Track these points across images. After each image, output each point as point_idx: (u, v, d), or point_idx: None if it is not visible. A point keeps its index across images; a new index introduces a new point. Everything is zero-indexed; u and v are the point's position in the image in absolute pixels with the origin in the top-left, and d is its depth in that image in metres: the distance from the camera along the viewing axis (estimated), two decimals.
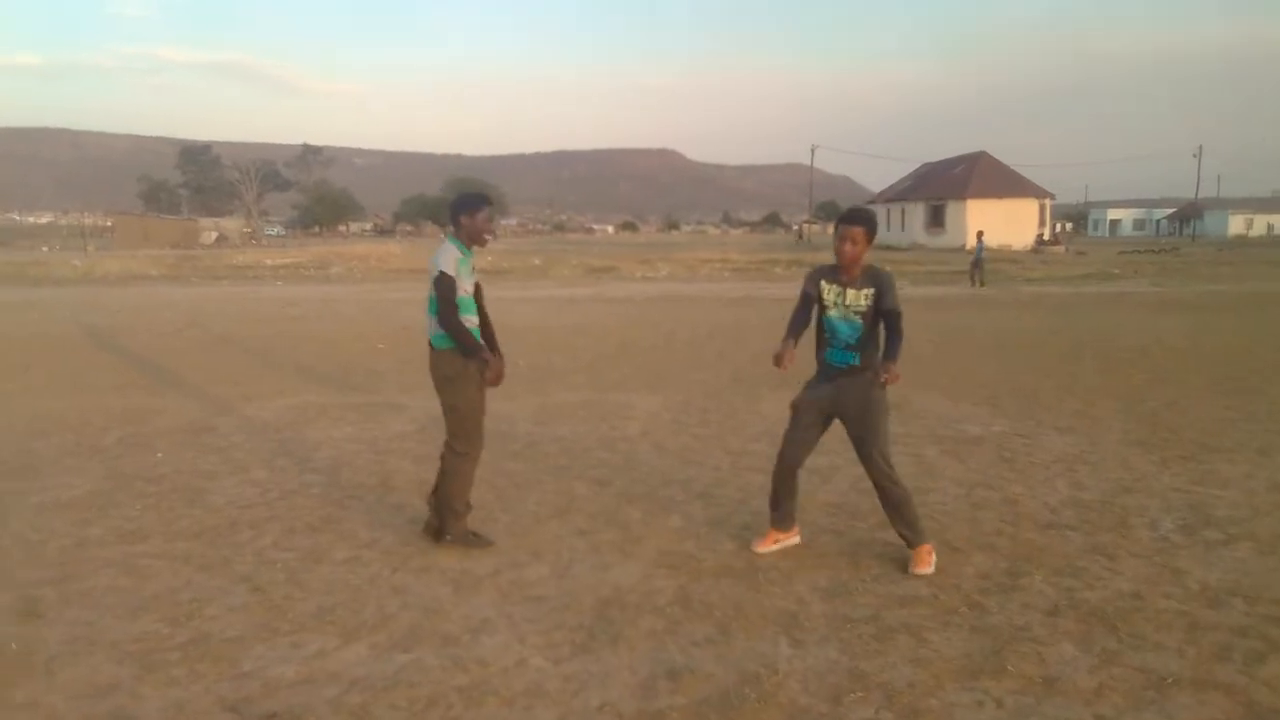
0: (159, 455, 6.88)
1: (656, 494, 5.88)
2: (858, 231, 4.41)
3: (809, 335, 4.59)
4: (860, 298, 4.45)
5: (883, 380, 4.35)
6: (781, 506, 4.81)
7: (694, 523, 5.34)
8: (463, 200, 4.85)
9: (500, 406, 5.36)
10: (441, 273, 4.64)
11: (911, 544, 4.61)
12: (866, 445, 4.54)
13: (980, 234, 28.15)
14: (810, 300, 4.58)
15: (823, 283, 4.55)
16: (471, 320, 4.82)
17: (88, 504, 5.69)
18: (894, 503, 4.60)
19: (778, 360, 4.42)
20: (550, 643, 3.82)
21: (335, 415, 8.33)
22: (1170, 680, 3.45)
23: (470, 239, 4.82)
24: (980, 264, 25.94)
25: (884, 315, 4.46)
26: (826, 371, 4.60)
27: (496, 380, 4.82)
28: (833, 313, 4.52)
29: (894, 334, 4.45)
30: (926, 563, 4.54)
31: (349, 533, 5.18)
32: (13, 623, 4.01)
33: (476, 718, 3.25)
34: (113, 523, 5.34)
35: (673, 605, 4.19)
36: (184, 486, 6.07)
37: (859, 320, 4.47)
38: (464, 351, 4.69)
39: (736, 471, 6.37)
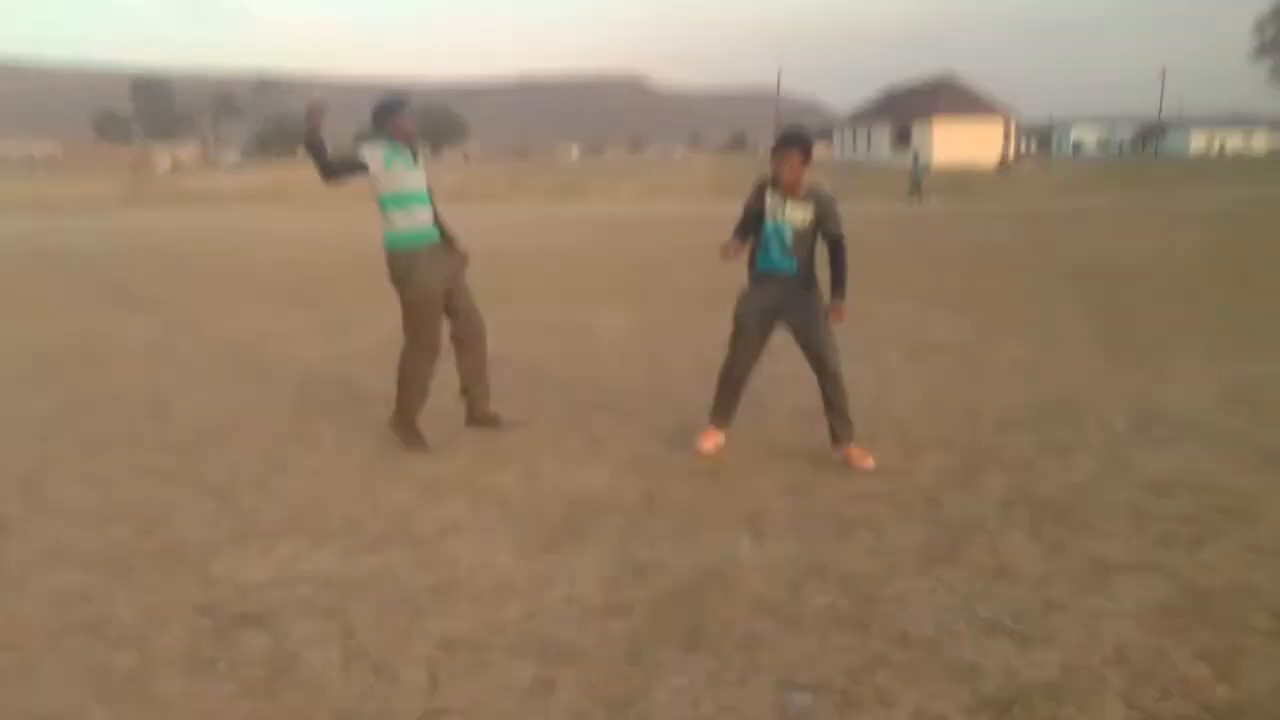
0: (119, 374, 6.83)
1: (623, 402, 5.94)
2: (794, 155, 4.42)
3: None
4: (800, 210, 4.48)
5: (831, 319, 4.49)
6: (724, 406, 4.93)
7: (660, 429, 5.41)
8: (379, 110, 4.82)
9: None
10: (358, 151, 4.71)
11: (847, 437, 4.71)
12: (817, 344, 4.61)
13: (916, 154, 28.59)
14: (752, 214, 4.58)
15: (767, 191, 4.54)
16: (424, 214, 4.90)
17: (49, 420, 5.66)
18: (840, 396, 4.68)
19: (724, 251, 4.48)
20: (518, 542, 3.88)
21: (298, 332, 8.30)
22: (1116, 565, 3.57)
23: (401, 139, 4.81)
24: (918, 181, 26.17)
25: (828, 241, 4.52)
26: (762, 280, 4.62)
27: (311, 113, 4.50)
28: (771, 221, 4.53)
29: (839, 262, 4.52)
30: (867, 457, 4.67)
31: (316, 444, 5.21)
32: None
33: (446, 613, 3.32)
34: (77, 439, 5.33)
35: (638, 506, 4.26)
36: (148, 402, 6.06)
37: (792, 231, 4.50)
38: (313, 152, 4.55)
39: (703, 380, 6.38)
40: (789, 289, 4.58)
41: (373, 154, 4.69)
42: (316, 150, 4.51)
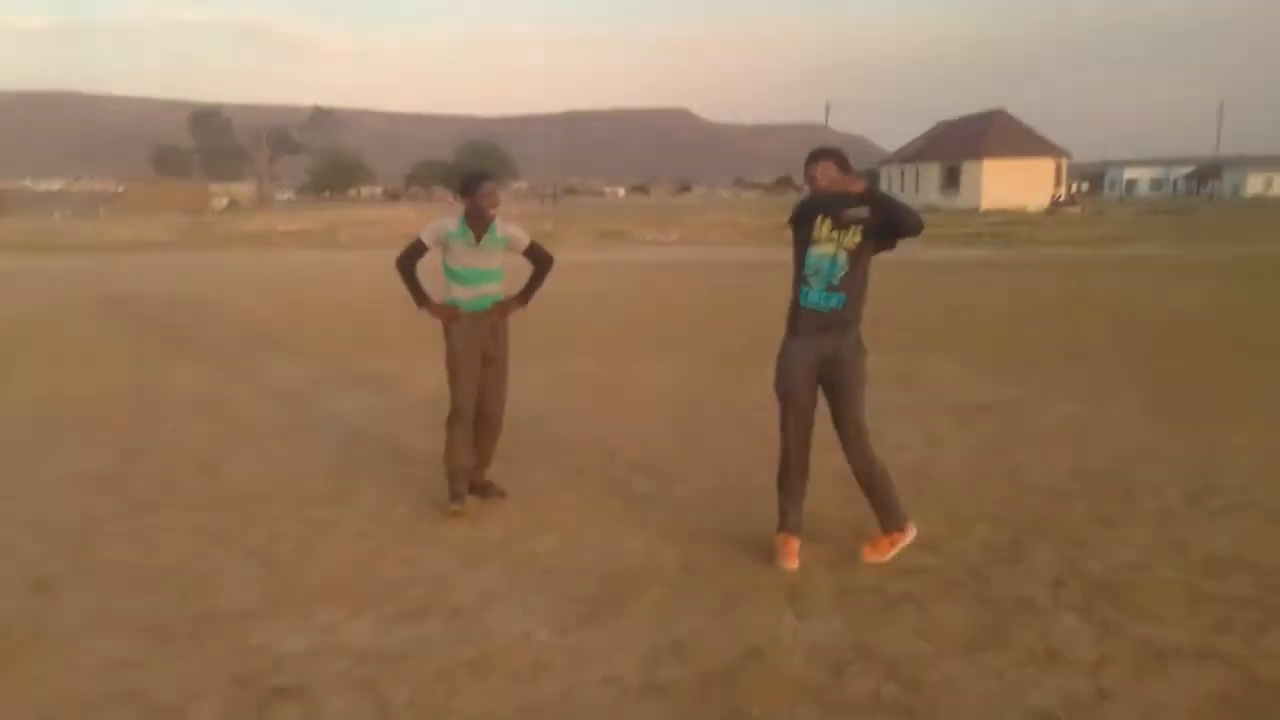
0: (170, 427, 6.93)
1: (664, 465, 5.91)
2: (826, 163, 4.06)
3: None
4: (850, 235, 4.08)
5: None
6: (795, 507, 4.43)
7: (702, 493, 5.37)
8: (462, 182, 5.09)
9: (509, 376, 5.40)
10: (418, 237, 5.05)
11: (886, 528, 4.38)
12: (846, 415, 4.23)
13: None
14: (798, 234, 4.20)
15: (820, 216, 4.13)
16: (482, 288, 5.07)
17: (99, 477, 5.75)
18: (874, 482, 4.34)
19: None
20: (556, 614, 3.86)
21: (347, 385, 8.38)
22: (1171, 651, 3.46)
23: (474, 215, 5.01)
24: None
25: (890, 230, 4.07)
26: (804, 321, 4.19)
27: (440, 316, 5.08)
28: (823, 248, 4.12)
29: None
30: (884, 549, 4.34)
31: (359, 505, 5.23)
32: (25, 597, 4.07)
33: (482, 691, 3.30)
34: (124, 495, 5.40)
35: (678, 576, 4.22)
36: (195, 459, 6.13)
37: (845, 257, 4.09)
38: (414, 298, 5.09)
39: (746, 441, 6.38)
40: (833, 335, 4.16)
41: (432, 233, 5.01)
42: (411, 284, 5.09)
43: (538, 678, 3.37)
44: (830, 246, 4.12)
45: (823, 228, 4.14)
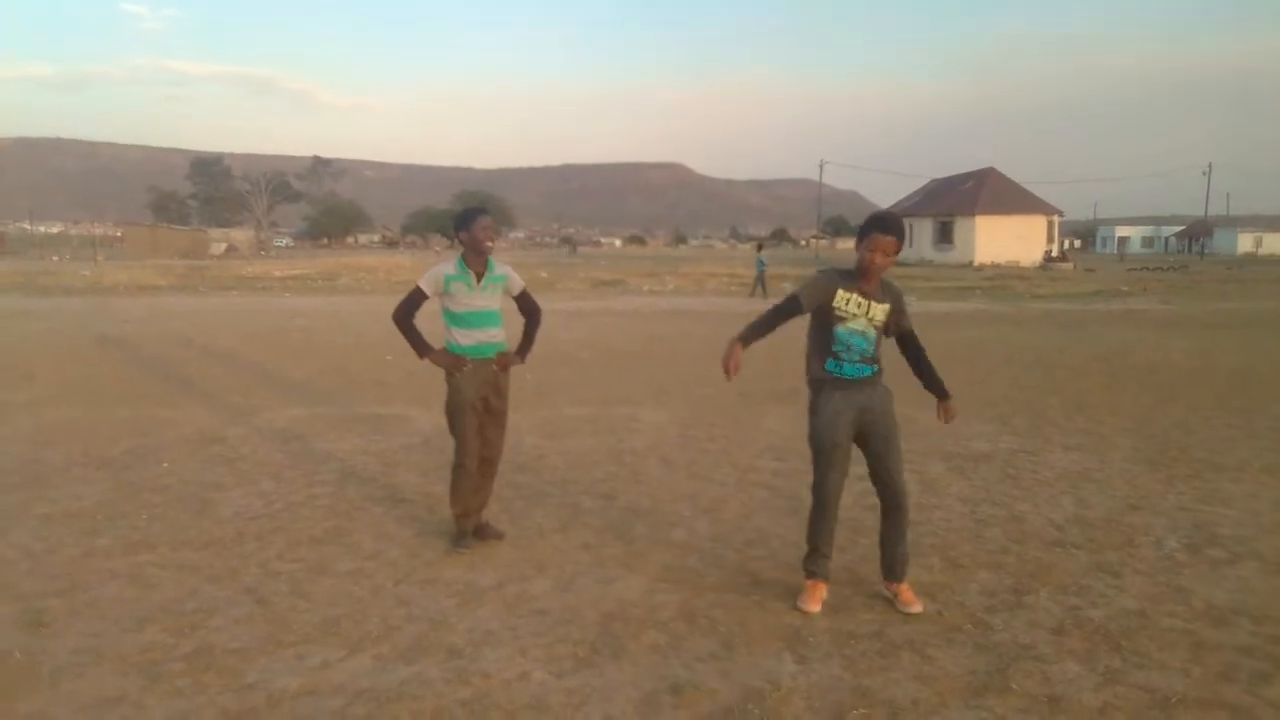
0: (166, 466, 6.90)
1: (661, 509, 5.88)
2: (891, 242, 4.08)
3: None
4: (880, 311, 4.20)
5: (945, 418, 4.42)
6: (827, 552, 4.38)
7: (698, 537, 5.33)
8: (458, 218, 5.11)
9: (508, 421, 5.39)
10: (416, 285, 5.03)
11: (904, 574, 4.37)
12: (891, 463, 4.27)
13: (759, 246, 30.62)
14: (799, 310, 4.18)
15: (840, 291, 4.15)
16: (485, 333, 5.06)
17: (94, 514, 5.71)
18: (904, 527, 4.35)
19: (727, 368, 4.18)
20: (553, 656, 3.82)
21: (343, 427, 8.35)
22: (1175, 700, 3.43)
23: (472, 251, 5.02)
24: (762, 277, 27.57)
25: (906, 336, 4.37)
26: (840, 386, 4.22)
27: (444, 364, 5.04)
28: (853, 324, 4.16)
29: (926, 358, 4.46)
30: (918, 601, 4.30)
31: (354, 545, 5.19)
32: (18, 633, 4.01)
33: None
34: (119, 533, 5.36)
35: (676, 620, 4.19)
36: (191, 497, 6.09)
37: (875, 333, 4.22)
38: (415, 349, 5.03)
39: (743, 487, 6.37)
40: (874, 397, 4.24)
41: (432, 281, 4.99)
42: (411, 335, 5.04)
43: (535, 719, 3.33)
44: (862, 322, 4.20)
45: (849, 303, 4.18)
